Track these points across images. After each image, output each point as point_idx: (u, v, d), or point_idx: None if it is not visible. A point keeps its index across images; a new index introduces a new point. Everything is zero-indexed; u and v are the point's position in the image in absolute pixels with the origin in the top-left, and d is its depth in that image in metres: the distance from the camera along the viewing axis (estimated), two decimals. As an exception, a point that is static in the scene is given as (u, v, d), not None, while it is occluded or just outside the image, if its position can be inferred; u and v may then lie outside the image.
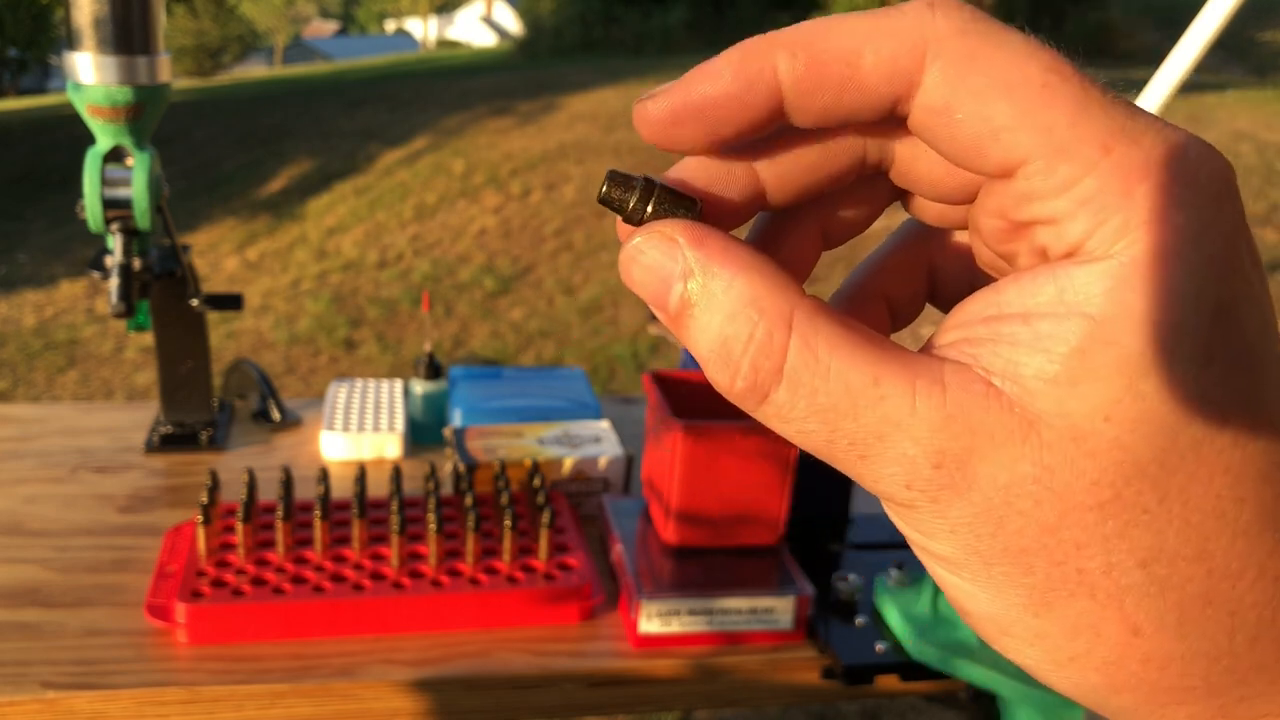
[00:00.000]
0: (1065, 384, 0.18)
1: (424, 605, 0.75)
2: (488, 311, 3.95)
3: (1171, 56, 2.37)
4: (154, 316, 1.00)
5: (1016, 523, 0.19)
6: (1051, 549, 0.19)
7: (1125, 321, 0.18)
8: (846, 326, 0.20)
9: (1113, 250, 0.18)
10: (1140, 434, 0.18)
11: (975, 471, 0.19)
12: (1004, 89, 0.19)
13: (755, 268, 0.20)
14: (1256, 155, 5.39)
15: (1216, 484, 0.19)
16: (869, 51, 0.19)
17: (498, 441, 0.93)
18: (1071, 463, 0.18)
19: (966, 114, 0.19)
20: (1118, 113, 0.18)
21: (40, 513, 0.90)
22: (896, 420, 0.19)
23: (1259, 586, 0.19)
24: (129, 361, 3.47)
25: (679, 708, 0.80)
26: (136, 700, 0.69)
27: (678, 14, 10.84)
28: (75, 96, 0.84)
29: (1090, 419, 0.18)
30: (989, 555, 0.19)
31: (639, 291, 0.21)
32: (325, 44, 22.98)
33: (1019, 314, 0.19)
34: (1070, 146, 0.18)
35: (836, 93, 0.20)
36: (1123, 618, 0.19)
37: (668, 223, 0.21)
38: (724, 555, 0.80)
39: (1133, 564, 0.19)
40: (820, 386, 0.19)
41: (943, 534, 0.20)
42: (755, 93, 0.20)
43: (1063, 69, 0.19)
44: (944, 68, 0.19)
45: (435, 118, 6.56)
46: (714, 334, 0.20)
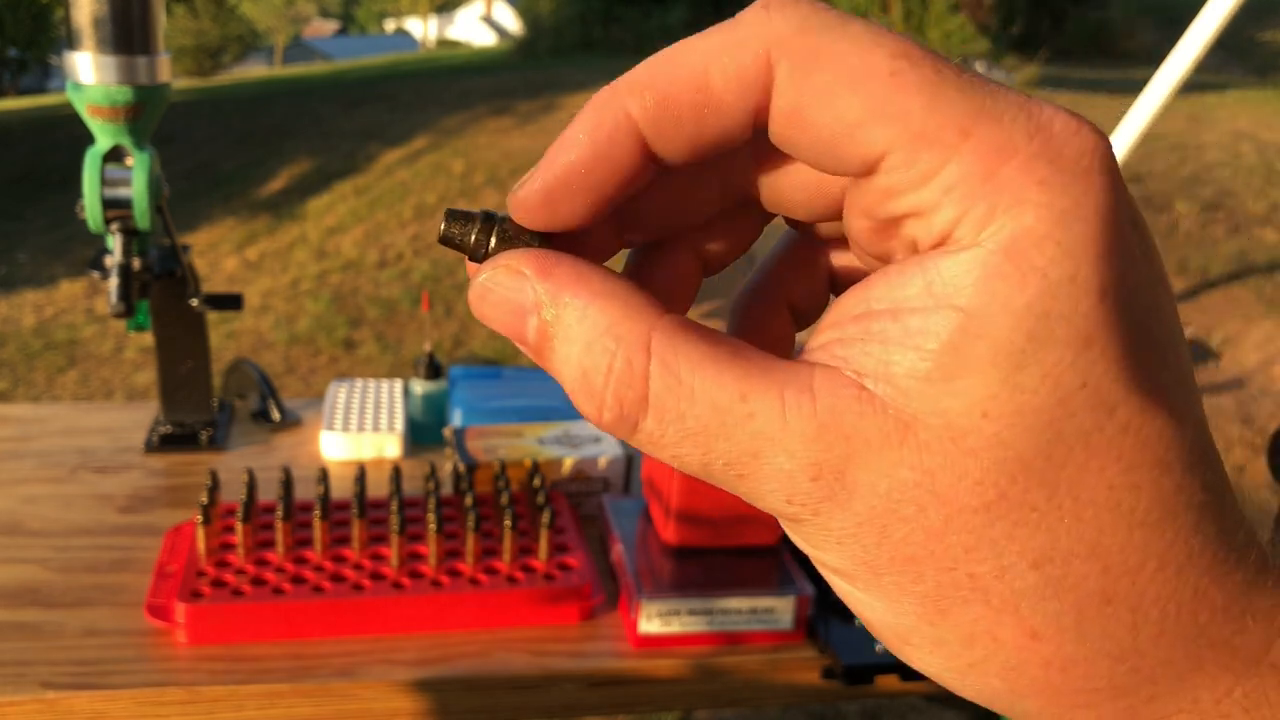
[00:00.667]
0: (939, 381, 0.17)
1: (424, 605, 0.75)
2: (488, 311, 3.95)
3: (1171, 56, 2.37)
4: (154, 316, 1.00)
5: (901, 530, 0.18)
6: (939, 555, 0.18)
7: (996, 311, 0.17)
8: (709, 343, 0.19)
9: (980, 237, 0.17)
10: (1021, 428, 0.17)
11: (854, 480, 0.18)
12: (852, 82, 0.18)
13: (608, 293, 0.19)
14: (1256, 155, 5.39)
15: (1108, 474, 0.18)
16: (715, 71, 0.19)
17: (498, 441, 0.93)
18: (952, 464, 0.18)
19: (817, 114, 0.18)
20: (975, 93, 0.18)
21: (40, 513, 0.90)
22: (769, 435, 0.18)
23: (1159, 579, 0.18)
24: (129, 361, 3.47)
25: (679, 708, 0.80)
26: (136, 700, 0.69)
27: (678, 14, 10.83)
28: (75, 96, 0.84)
29: (968, 416, 0.17)
30: (877, 565, 0.19)
31: (496, 327, 0.21)
32: (325, 44, 22.97)
33: (888, 310, 0.18)
34: (928, 133, 0.17)
35: (696, 122, 0.19)
36: (1019, 622, 0.18)
37: (512, 254, 0.20)
38: (724, 555, 0.80)
39: (1025, 566, 0.18)
40: (687, 410, 0.18)
41: (830, 545, 0.19)
42: (618, 147, 0.20)
43: (911, 53, 0.18)
44: (789, 69, 0.18)
45: (435, 118, 6.56)
46: (574, 366, 0.19)
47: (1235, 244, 4.24)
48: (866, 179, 0.19)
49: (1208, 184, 4.88)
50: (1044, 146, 0.17)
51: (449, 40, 23.60)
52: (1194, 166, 5.12)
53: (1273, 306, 3.66)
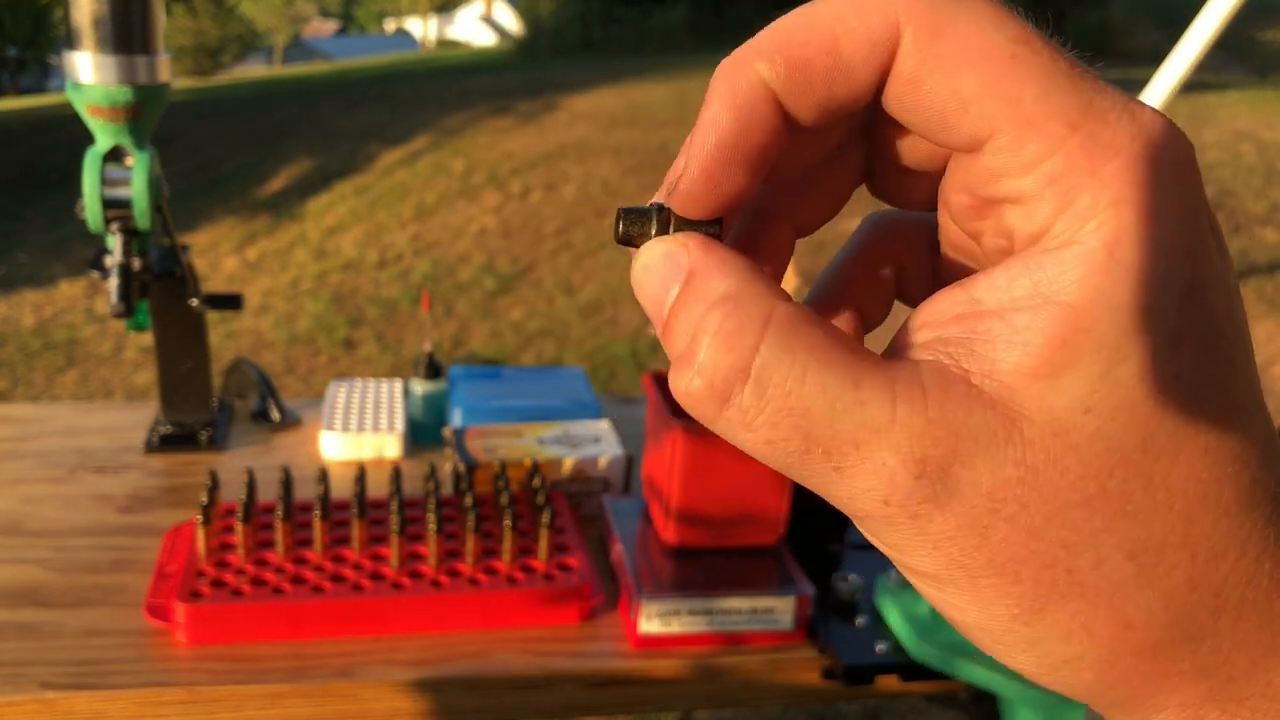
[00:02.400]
0: (1045, 377, 0.18)
1: (424, 605, 0.75)
2: (488, 311, 3.95)
3: (1171, 56, 2.37)
4: (154, 316, 1.00)
5: (1002, 531, 0.18)
6: (1040, 554, 0.18)
7: (1099, 307, 0.18)
8: (827, 330, 0.19)
9: (1081, 233, 0.18)
10: (1121, 422, 0.18)
11: (958, 478, 0.18)
12: (971, 60, 0.18)
13: (744, 272, 0.20)
14: (1257, 155, 5.39)
15: (1197, 467, 0.18)
16: (844, 34, 0.19)
17: (498, 441, 0.93)
18: (1056, 460, 0.18)
19: (934, 85, 0.19)
20: (1086, 87, 0.18)
21: (39, 513, 0.89)
22: (876, 427, 0.18)
23: (1240, 567, 0.19)
24: (128, 361, 3.47)
25: (679, 708, 0.80)
26: (136, 700, 0.69)
27: (678, 14, 10.83)
28: (75, 96, 0.84)
29: (1072, 411, 0.18)
30: (974, 569, 0.19)
31: (642, 301, 0.21)
32: (325, 44, 22.97)
33: (994, 310, 0.19)
34: (1037, 122, 0.18)
35: (826, 86, 0.20)
36: (1114, 613, 0.19)
37: (680, 234, 0.21)
38: (724, 555, 0.80)
39: (1122, 557, 0.18)
40: (794, 388, 0.18)
41: (924, 550, 0.19)
42: (758, 112, 0.20)
43: (1031, 40, 0.18)
44: (913, 38, 0.19)
45: (435, 117, 6.56)
46: (686, 331, 0.19)
47: (1235, 244, 4.24)
48: (972, 155, 0.19)
49: (1208, 184, 4.86)
50: (1144, 148, 0.18)
51: (449, 40, 23.60)
52: (1194, 166, 5.12)
53: (1273, 306, 3.66)
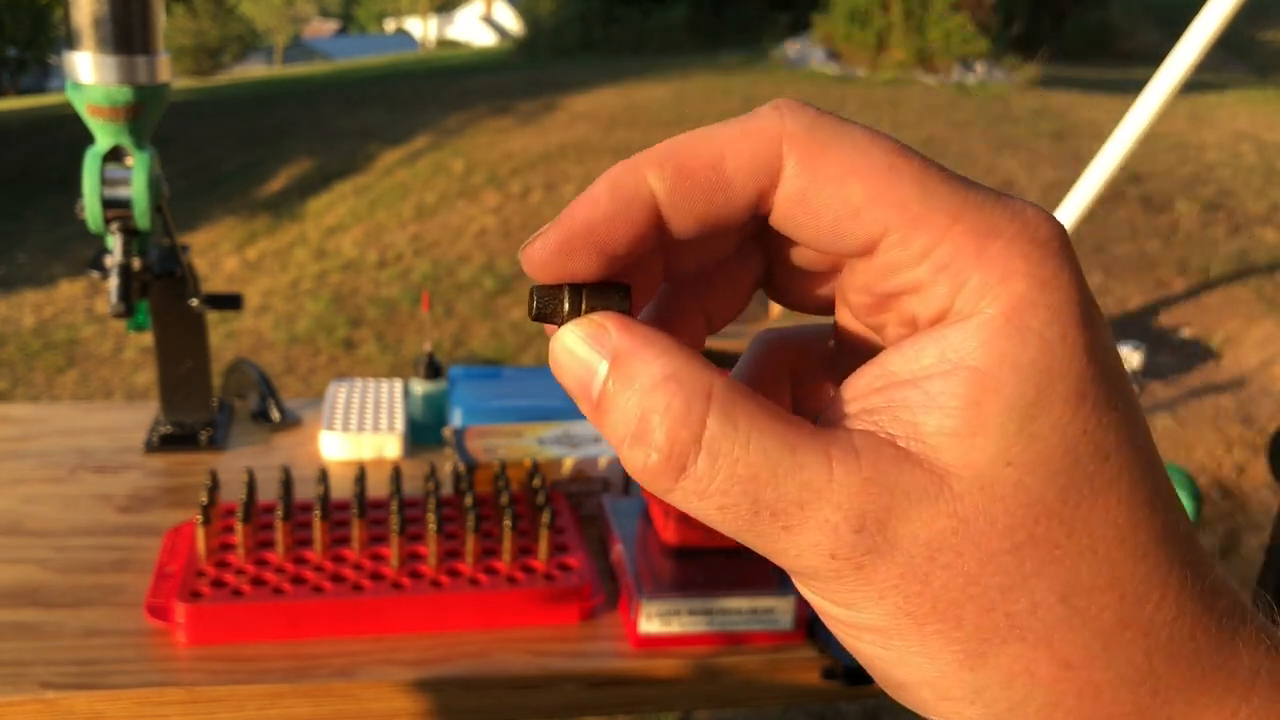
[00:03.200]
0: (965, 436, 0.19)
1: (424, 605, 0.75)
2: (488, 311, 3.95)
3: (1171, 56, 2.37)
4: (154, 316, 1.00)
5: (941, 577, 0.19)
6: (978, 598, 0.19)
7: (1006, 370, 0.19)
8: (760, 402, 0.20)
9: (979, 306, 0.19)
10: (1040, 474, 0.19)
11: (896, 531, 0.19)
12: (855, 173, 0.20)
13: (676, 350, 0.21)
14: (1257, 155, 5.39)
15: (1112, 513, 0.19)
16: (730, 154, 0.21)
17: (498, 441, 0.93)
18: (983, 511, 0.19)
19: (824, 199, 0.20)
20: (959, 186, 0.20)
21: (40, 513, 0.89)
22: (817, 487, 0.19)
23: (1164, 606, 0.20)
24: (128, 361, 3.47)
25: (679, 708, 0.80)
26: (136, 701, 0.69)
27: (678, 14, 10.82)
28: (75, 96, 0.84)
29: (993, 465, 0.19)
30: (920, 615, 0.20)
31: (564, 381, 0.22)
32: (325, 44, 22.97)
33: (908, 380, 0.20)
34: (922, 217, 0.20)
35: (706, 197, 0.21)
36: (1053, 654, 0.20)
37: (599, 315, 0.22)
38: (724, 555, 0.80)
39: (1054, 600, 0.19)
40: (741, 456, 0.19)
41: (870, 602, 0.20)
42: (634, 209, 0.21)
43: (904, 153, 0.20)
44: (799, 160, 0.20)
45: (435, 118, 6.56)
46: (632, 411, 0.20)
47: (1235, 244, 4.24)
48: (865, 259, 0.21)
49: (1208, 184, 4.88)
50: (1022, 228, 0.20)
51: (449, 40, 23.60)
52: (1194, 166, 5.12)
53: (1273, 306, 3.66)
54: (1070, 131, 5.83)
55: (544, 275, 0.22)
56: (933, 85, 7.57)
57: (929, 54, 8.12)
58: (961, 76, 7.88)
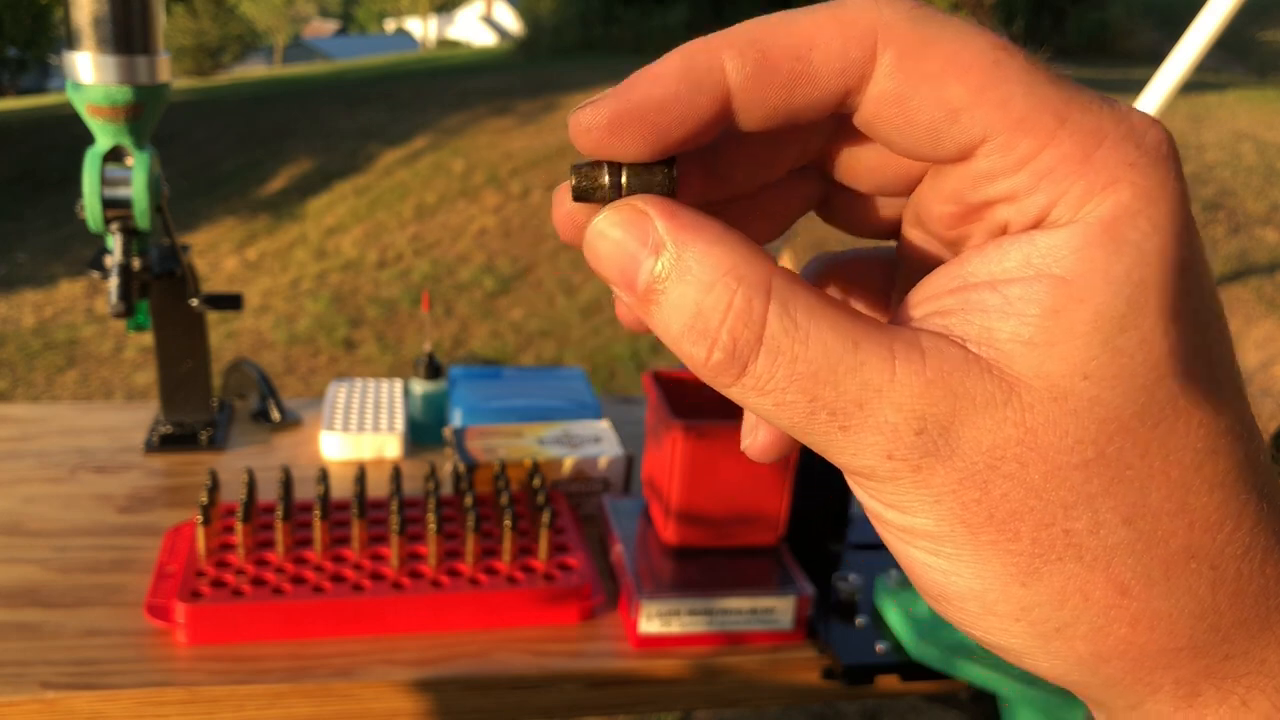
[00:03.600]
0: (1042, 345, 0.18)
1: (424, 605, 0.75)
2: (488, 311, 3.95)
3: (1171, 56, 2.37)
4: (154, 316, 1.00)
5: (1002, 486, 0.19)
6: (1038, 511, 0.19)
7: (1097, 279, 0.18)
8: (821, 296, 0.20)
9: (1079, 215, 0.18)
10: (1119, 390, 0.18)
11: (958, 436, 0.19)
12: (958, 70, 0.19)
13: (730, 239, 0.20)
14: (1256, 155, 5.39)
15: (1193, 437, 0.19)
16: (819, 45, 0.19)
17: (498, 441, 0.93)
18: (1054, 423, 0.18)
19: (921, 100, 0.19)
20: (1065, 85, 0.19)
21: (40, 513, 0.90)
22: (877, 386, 0.19)
23: (1236, 538, 0.19)
24: (129, 361, 3.47)
25: (679, 708, 0.80)
26: (136, 700, 0.69)
27: (678, 14, 10.82)
28: (75, 96, 0.84)
29: (1069, 378, 0.18)
30: (975, 523, 0.19)
31: (603, 270, 0.20)
32: (325, 44, 22.96)
33: (986, 282, 0.19)
34: (1027, 119, 0.18)
35: (787, 90, 0.20)
36: (1110, 578, 0.19)
37: (638, 198, 0.20)
38: (724, 555, 0.80)
39: (1118, 521, 0.19)
40: (800, 353, 0.19)
41: (925, 505, 0.19)
42: (702, 94, 0.20)
43: (1009, 46, 0.19)
44: (897, 55, 0.19)
45: (435, 118, 6.56)
46: (689, 306, 0.19)
47: (1235, 244, 4.24)
48: (958, 165, 0.20)
49: (1208, 184, 4.88)
50: (1129, 131, 0.18)
51: (449, 40, 23.60)
52: (1194, 166, 5.12)
53: (1273, 306, 3.66)
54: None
55: (588, 147, 0.21)
56: (933, 85, 7.57)
57: (929, 54, 8.12)
58: (961, 76, 7.88)
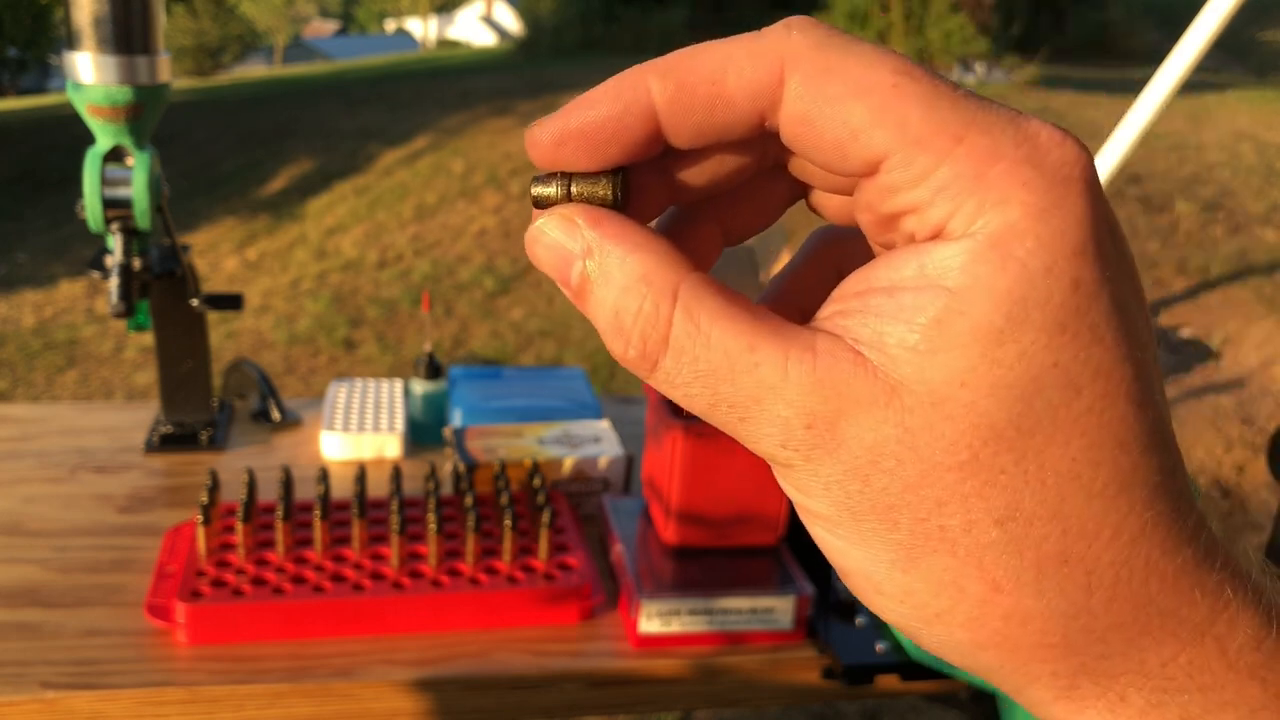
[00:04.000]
0: (925, 352, 0.19)
1: (424, 605, 0.75)
2: (488, 311, 3.95)
3: (1171, 56, 2.37)
4: (154, 316, 1.00)
5: (881, 480, 0.20)
6: (914, 506, 0.20)
7: (979, 293, 0.19)
8: (728, 299, 0.21)
9: (970, 229, 0.19)
10: (996, 399, 0.19)
11: (843, 432, 0.20)
12: (858, 93, 0.20)
13: (647, 246, 0.22)
14: (1256, 155, 5.39)
15: (1072, 448, 0.19)
16: (732, 71, 0.21)
17: (498, 441, 0.93)
18: (931, 425, 0.20)
19: (826, 119, 0.20)
20: (968, 106, 0.20)
21: (40, 513, 0.90)
22: (771, 384, 0.20)
23: (1114, 547, 0.20)
24: (129, 361, 3.47)
25: (679, 708, 0.80)
26: (136, 700, 0.69)
27: (678, 14, 10.83)
28: (75, 96, 0.84)
29: (948, 385, 0.19)
30: (859, 511, 0.21)
31: (544, 268, 0.23)
32: (325, 44, 22.96)
33: (884, 288, 0.20)
34: (924, 139, 0.19)
35: (706, 111, 0.21)
36: (982, 574, 0.20)
37: (569, 206, 0.23)
38: (724, 555, 0.80)
39: (990, 522, 0.20)
40: (701, 354, 0.21)
41: (818, 490, 0.21)
42: (631, 114, 0.22)
43: (912, 71, 0.20)
44: (802, 79, 0.20)
45: (435, 118, 6.56)
46: (609, 307, 0.22)
47: (1235, 244, 4.24)
48: (870, 178, 0.21)
49: (1208, 184, 4.88)
50: (1030, 153, 0.19)
51: (449, 40, 23.60)
52: (1194, 166, 5.12)
53: (1273, 306, 3.66)
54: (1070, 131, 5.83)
55: (539, 160, 0.23)
56: (933, 85, 7.57)
57: (929, 54, 8.11)
58: (961, 77, 7.88)
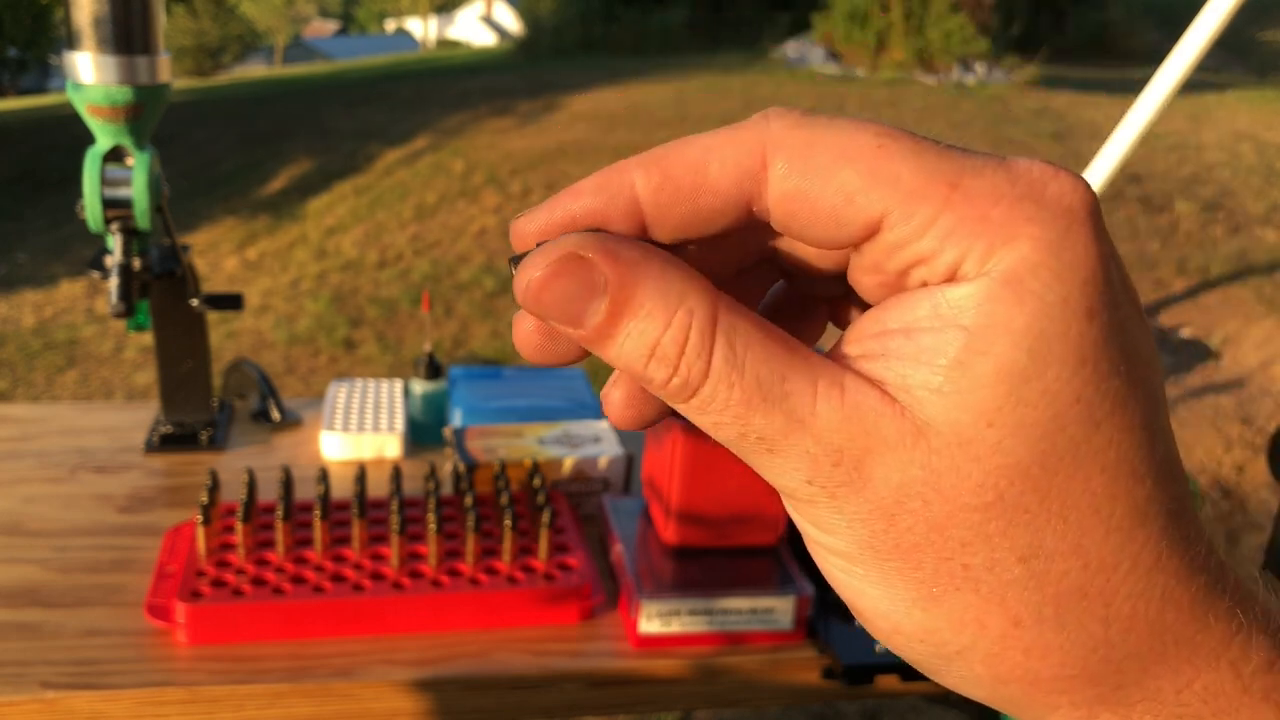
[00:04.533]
0: (950, 394, 0.19)
1: (424, 605, 0.75)
2: (488, 311, 3.95)
3: (1171, 56, 2.37)
4: (154, 316, 1.00)
5: (907, 520, 0.20)
6: (939, 546, 0.20)
7: (999, 332, 0.19)
8: (760, 326, 0.21)
9: (983, 270, 0.19)
10: (1022, 438, 0.19)
11: (870, 471, 0.20)
12: (845, 159, 0.20)
13: (676, 269, 0.21)
14: (1256, 155, 5.39)
15: (1092, 483, 0.20)
16: (714, 160, 0.21)
17: (498, 441, 0.93)
18: (957, 467, 0.20)
19: (818, 190, 0.20)
20: (955, 155, 0.20)
21: (40, 513, 0.90)
22: (800, 418, 0.20)
23: (1131, 579, 0.20)
24: (129, 361, 3.47)
25: (679, 708, 0.81)
26: (136, 700, 0.69)
27: (678, 14, 10.82)
28: (75, 96, 0.84)
29: (974, 426, 0.19)
30: (882, 550, 0.20)
31: (549, 316, 0.21)
32: (325, 44, 22.96)
33: (900, 329, 0.20)
34: (919, 190, 0.20)
35: (691, 200, 0.21)
36: (1004, 610, 0.20)
37: (570, 238, 0.21)
38: (724, 555, 0.80)
39: (1014, 560, 0.20)
40: (737, 382, 0.20)
41: (840, 528, 0.21)
42: (615, 206, 0.22)
43: (892, 132, 0.20)
44: (786, 158, 0.21)
45: (435, 118, 6.56)
46: (647, 339, 0.21)
47: (1235, 244, 4.24)
48: (870, 241, 0.21)
49: (1208, 184, 4.88)
50: (1028, 189, 0.19)
51: (449, 40, 23.60)
52: (1194, 166, 5.12)
53: (1273, 306, 3.66)
54: (1070, 131, 5.83)
55: (524, 248, 0.22)
56: (932, 85, 7.57)
57: (929, 54, 8.11)
58: (961, 77, 7.88)
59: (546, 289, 0.21)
